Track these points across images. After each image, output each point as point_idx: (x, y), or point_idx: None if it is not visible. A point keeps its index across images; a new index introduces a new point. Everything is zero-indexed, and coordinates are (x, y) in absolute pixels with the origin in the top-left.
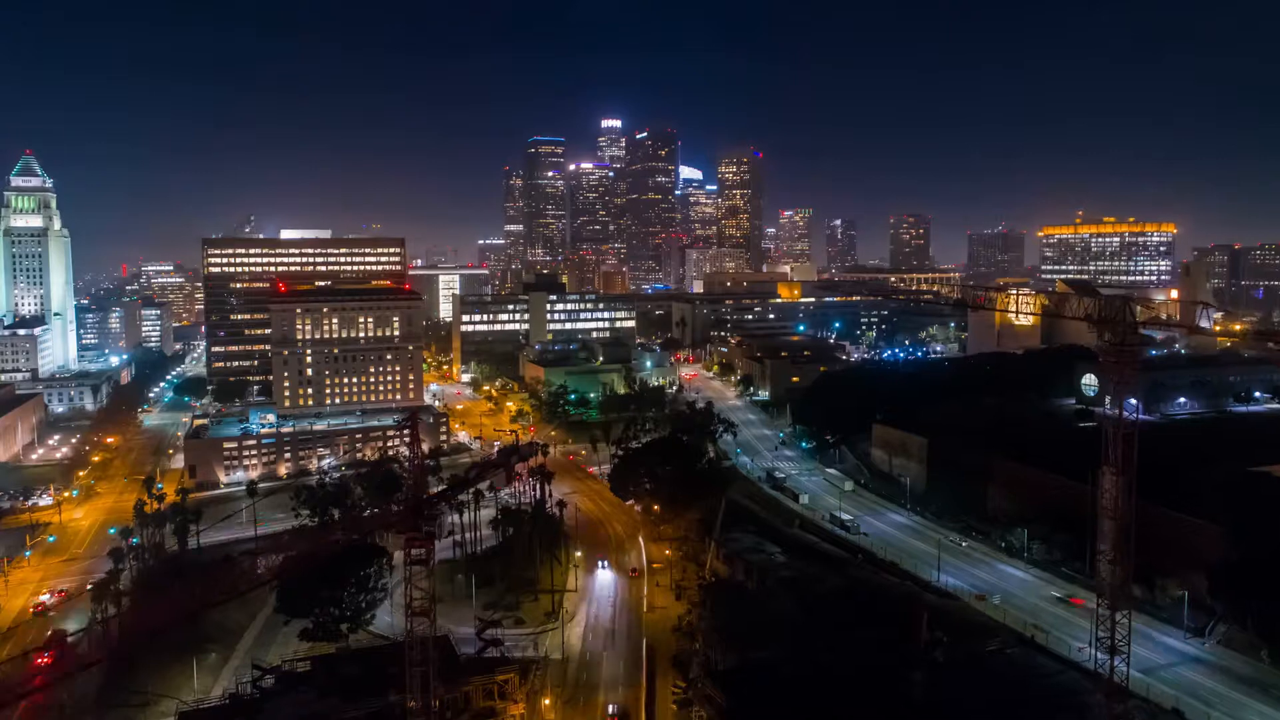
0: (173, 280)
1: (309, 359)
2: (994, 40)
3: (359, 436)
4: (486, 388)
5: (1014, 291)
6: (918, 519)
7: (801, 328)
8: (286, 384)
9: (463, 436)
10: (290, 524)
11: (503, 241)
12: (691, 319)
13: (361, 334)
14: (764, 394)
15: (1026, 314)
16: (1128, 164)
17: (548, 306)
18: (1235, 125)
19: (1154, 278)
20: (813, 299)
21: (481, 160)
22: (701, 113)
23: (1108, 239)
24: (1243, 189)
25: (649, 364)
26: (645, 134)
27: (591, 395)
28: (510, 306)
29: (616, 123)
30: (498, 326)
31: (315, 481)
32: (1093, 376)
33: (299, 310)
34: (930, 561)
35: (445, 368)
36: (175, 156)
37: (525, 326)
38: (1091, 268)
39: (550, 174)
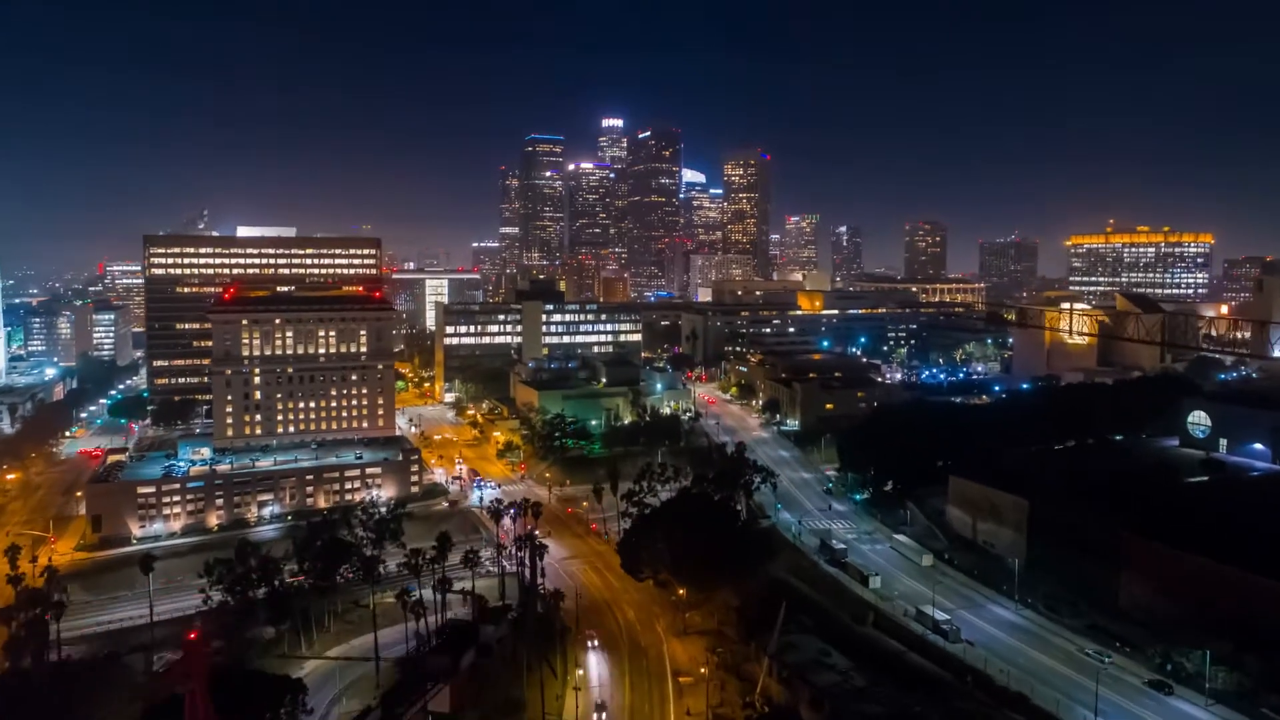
0: (139, 281)
1: (257, 380)
2: (994, 40)
3: (310, 478)
4: (472, 411)
5: (1066, 307)
6: (1028, 614)
7: (825, 343)
8: (229, 410)
9: (439, 474)
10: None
11: (497, 244)
12: (704, 332)
13: (321, 350)
14: (792, 422)
15: (1082, 335)
16: (1133, 169)
17: (543, 317)
18: (1241, 129)
19: (1191, 290)
20: (835, 311)
21: (480, 160)
22: (702, 114)
23: (1141, 249)
24: (1266, 198)
25: (659, 386)
26: (648, 133)
27: (593, 423)
28: (501, 316)
29: (618, 122)
30: (486, 339)
31: (235, 549)
32: (1203, 414)
33: (245, 321)
34: (1068, 689)
35: (428, 385)
36: (168, 155)
37: (518, 340)
38: (1124, 279)
39: (548, 174)
